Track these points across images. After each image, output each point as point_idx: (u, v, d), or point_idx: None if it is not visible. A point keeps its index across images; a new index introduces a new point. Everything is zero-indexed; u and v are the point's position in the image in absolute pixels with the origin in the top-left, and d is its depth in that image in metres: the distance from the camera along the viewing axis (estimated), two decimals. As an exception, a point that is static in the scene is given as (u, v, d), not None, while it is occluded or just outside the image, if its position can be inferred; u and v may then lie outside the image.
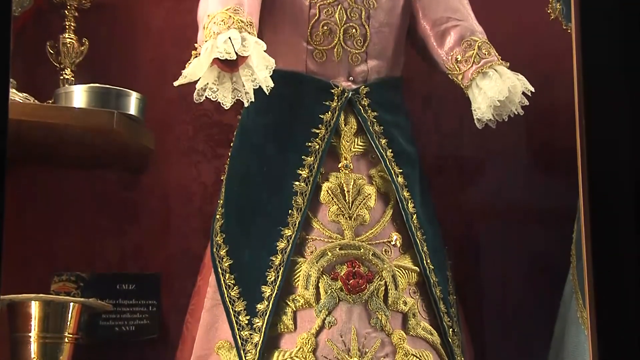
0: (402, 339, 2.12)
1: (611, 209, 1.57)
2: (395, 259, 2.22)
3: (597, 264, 1.57)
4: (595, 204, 1.57)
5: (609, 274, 1.57)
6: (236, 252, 2.24)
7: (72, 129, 2.33)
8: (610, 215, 1.57)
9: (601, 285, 1.57)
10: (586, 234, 1.57)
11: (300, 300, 2.15)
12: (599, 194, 1.57)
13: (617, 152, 1.57)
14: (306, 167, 2.24)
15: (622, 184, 1.57)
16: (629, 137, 1.56)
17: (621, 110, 1.56)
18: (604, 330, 1.56)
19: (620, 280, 1.56)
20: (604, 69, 1.56)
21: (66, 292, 2.50)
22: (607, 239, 1.57)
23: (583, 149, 1.58)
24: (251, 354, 2.09)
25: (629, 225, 1.56)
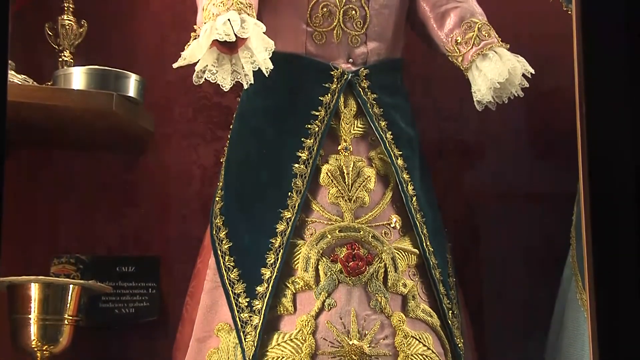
0: (401, 321, 2.12)
1: (611, 191, 1.57)
2: (395, 241, 2.22)
3: (597, 247, 1.57)
4: (595, 187, 1.58)
5: (609, 256, 1.57)
6: (236, 235, 2.24)
7: (71, 111, 2.33)
8: (610, 198, 1.57)
9: (600, 267, 1.57)
10: (586, 216, 1.58)
11: (299, 282, 2.15)
12: (599, 177, 1.57)
13: (617, 135, 1.57)
14: (306, 149, 2.24)
15: (622, 167, 1.57)
16: (628, 120, 1.56)
17: (621, 93, 1.56)
18: (603, 312, 1.56)
19: (620, 262, 1.56)
20: (605, 51, 1.56)
21: (66, 274, 2.51)
22: (607, 221, 1.57)
23: (583, 132, 1.58)
24: (251, 336, 2.09)
25: (629, 208, 1.56)
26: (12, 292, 2.22)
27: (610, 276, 1.57)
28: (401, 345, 2.10)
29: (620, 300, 1.56)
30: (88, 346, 2.47)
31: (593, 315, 1.56)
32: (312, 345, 2.07)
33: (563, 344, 2.39)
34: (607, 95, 1.56)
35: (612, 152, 1.57)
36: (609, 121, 1.57)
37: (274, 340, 2.10)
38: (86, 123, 2.43)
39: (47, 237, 2.62)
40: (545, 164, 2.82)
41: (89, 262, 2.56)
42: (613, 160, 1.57)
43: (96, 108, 2.33)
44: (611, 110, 1.57)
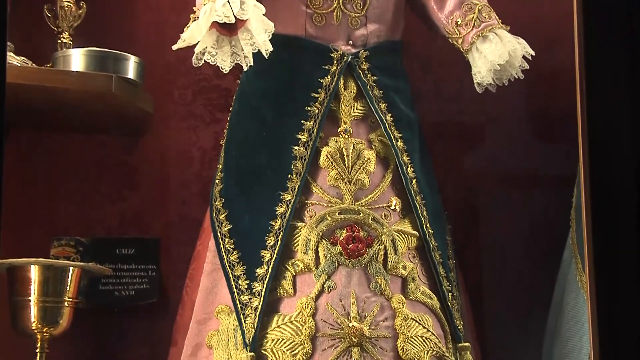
0: (401, 303, 2.12)
1: (611, 173, 1.57)
2: (395, 224, 2.22)
3: (597, 229, 1.57)
4: (595, 169, 1.57)
5: (609, 238, 1.57)
6: (235, 217, 2.23)
7: (71, 92, 2.33)
8: (610, 180, 1.57)
9: (600, 249, 1.57)
10: (586, 198, 1.57)
11: (299, 264, 2.15)
12: (599, 159, 1.57)
13: (617, 117, 1.56)
14: (305, 131, 2.24)
15: (622, 148, 1.57)
16: (629, 102, 1.56)
17: (622, 75, 1.55)
18: (603, 294, 1.56)
19: (620, 244, 1.56)
20: (605, 33, 1.56)
21: (66, 256, 2.51)
22: (607, 203, 1.57)
23: (583, 114, 1.57)
24: (250, 318, 2.09)
25: (629, 189, 1.56)
26: (12, 274, 2.22)
27: (610, 258, 1.57)
28: (401, 327, 2.10)
29: (619, 283, 1.57)
30: (88, 328, 2.48)
31: (593, 297, 1.56)
32: (312, 327, 2.07)
33: (562, 326, 2.39)
34: (607, 77, 1.56)
35: (612, 134, 1.57)
36: (609, 103, 1.57)
37: (274, 322, 2.11)
38: (85, 105, 2.43)
39: (47, 219, 2.62)
40: (545, 146, 2.82)
41: (88, 245, 2.56)
42: (613, 143, 1.57)
43: (95, 90, 2.33)
44: (611, 93, 1.56)
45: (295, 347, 2.06)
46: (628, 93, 1.55)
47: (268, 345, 2.08)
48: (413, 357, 2.08)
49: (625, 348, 1.56)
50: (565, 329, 2.38)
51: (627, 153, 1.56)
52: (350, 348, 2.06)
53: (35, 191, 2.64)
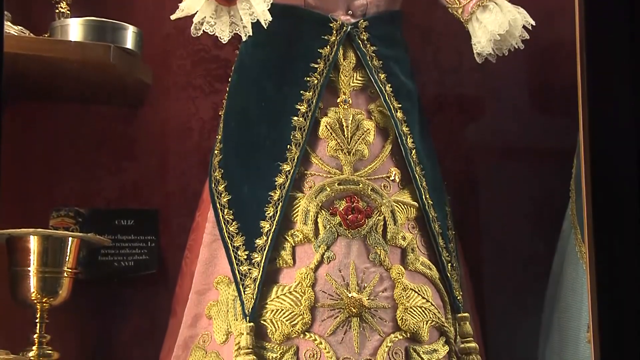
0: (400, 274, 2.13)
1: (611, 144, 1.57)
2: (394, 194, 2.22)
3: (596, 199, 1.57)
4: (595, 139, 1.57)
5: (608, 209, 1.57)
6: (235, 188, 2.23)
7: (68, 62, 2.32)
8: (609, 151, 1.57)
9: (600, 219, 1.57)
10: (586, 169, 1.57)
11: (299, 235, 2.15)
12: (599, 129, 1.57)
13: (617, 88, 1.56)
14: (305, 102, 2.23)
15: (622, 119, 1.56)
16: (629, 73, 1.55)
17: (622, 45, 1.55)
18: (602, 265, 1.56)
19: (619, 214, 1.56)
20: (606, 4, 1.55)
21: (65, 227, 2.51)
22: (607, 174, 1.57)
23: (584, 84, 1.57)
24: (250, 288, 2.09)
25: (629, 160, 1.56)
26: (11, 244, 2.22)
27: (609, 229, 1.57)
28: (400, 297, 2.10)
29: (619, 253, 1.57)
30: (88, 299, 2.48)
31: (592, 268, 1.57)
32: (311, 298, 2.07)
33: (562, 296, 2.40)
34: (608, 48, 1.56)
35: (612, 105, 1.57)
36: (609, 74, 1.56)
37: (273, 292, 2.11)
38: (83, 75, 2.42)
39: (46, 190, 2.61)
40: (545, 117, 2.82)
41: (87, 216, 2.56)
42: (613, 114, 1.57)
43: (93, 60, 2.32)
44: (612, 63, 1.56)
45: (294, 317, 2.06)
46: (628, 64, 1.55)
47: (267, 316, 2.08)
48: (412, 327, 2.09)
49: (624, 318, 1.56)
50: (564, 299, 2.38)
51: (627, 124, 1.56)
52: (350, 318, 2.07)
53: (33, 162, 2.63)
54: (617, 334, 1.56)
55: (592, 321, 1.57)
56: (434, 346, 2.14)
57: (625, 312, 1.56)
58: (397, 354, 2.08)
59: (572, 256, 2.38)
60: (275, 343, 2.06)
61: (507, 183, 2.78)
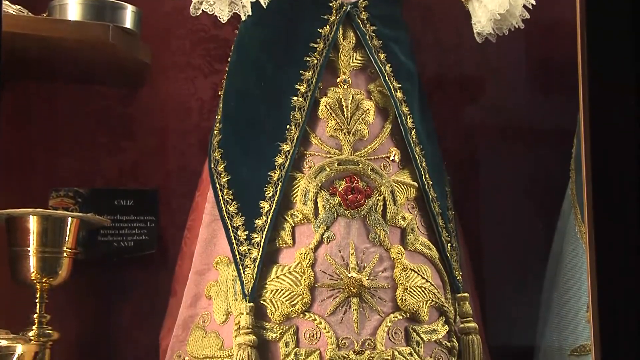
0: (400, 254, 2.13)
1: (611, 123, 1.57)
2: (394, 174, 2.22)
3: (596, 178, 1.56)
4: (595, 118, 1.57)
5: (608, 188, 1.57)
6: (234, 168, 2.23)
7: (67, 42, 2.31)
8: (610, 130, 1.57)
9: (600, 199, 1.57)
10: (586, 148, 1.57)
11: (298, 215, 2.15)
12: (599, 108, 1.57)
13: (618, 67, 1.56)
14: (304, 82, 2.22)
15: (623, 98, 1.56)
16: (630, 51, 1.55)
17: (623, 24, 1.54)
18: (602, 244, 1.56)
19: (619, 194, 1.56)
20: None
21: (64, 207, 2.51)
22: (607, 153, 1.57)
23: (584, 64, 1.56)
24: (250, 268, 2.09)
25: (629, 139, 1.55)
26: (11, 224, 2.22)
27: (609, 208, 1.57)
28: (400, 277, 2.10)
29: (618, 233, 1.57)
30: (87, 279, 2.48)
31: (592, 248, 1.57)
32: (311, 278, 2.07)
33: (561, 276, 2.40)
34: (608, 27, 1.55)
35: (613, 84, 1.56)
36: (609, 53, 1.56)
37: (273, 273, 2.11)
38: (82, 55, 2.41)
39: (45, 170, 2.61)
40: (545, 96, 2.81)
41: (87, 196, 2.56)
42: (614, 93, 1.57)
43: (92, 39, 2.31)
44: (613, 42, 1.55)
45: (294, 297, 2.06)
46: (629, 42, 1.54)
47: (267, 296, 2.08)
48: (412, 307, 2.09)
49: (623, 298, 1.57)
50: (564, 279, 2.39)
51: (627, 103, 1.56)
52: (349, 298, 2.07)
53: (33, 142, 2.63)
54: (617, 314, 1.56)
55: (592, 301, 1.57)
56: (433, 326, 2.14)
57: (624, 293, 1.57)
58: (396, 334, 2.08)
59: (572, 236, 2.38)
60: (275, 323, 2.06)
61: (507, 163, 2.79)
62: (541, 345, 2.48)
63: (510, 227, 2.74)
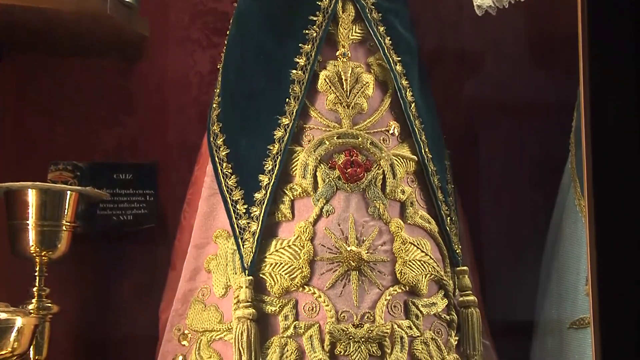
0: (399, 227, 2.13)
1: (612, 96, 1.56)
2: (394, 148, 2.22)
3: (596, 151, 1.56)
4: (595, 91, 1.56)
5: (608, 161, 1.56)
6: (233, 141, 2.23)
7: (65, 14, 2.31)
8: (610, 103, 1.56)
9: (600, 172, 1.56)
10: (586, 121, 1.57)
11: (298, 189, 2.14)
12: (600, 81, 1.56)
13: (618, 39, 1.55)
14: (303, 55, 2.22)
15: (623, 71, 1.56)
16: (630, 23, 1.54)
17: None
18: (601, 218, 1.56)
19: (620, 166, 1.56)
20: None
21: (63, 181, 2.50)
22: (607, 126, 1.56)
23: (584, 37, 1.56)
24: (249, 242, 2.09)
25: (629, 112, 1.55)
26: (10, 198, 2.22)
27: (609, 182, 1.57)
28: (399, 251, 2.10)
29: (618, 206, 1.57)
30: (87, 253, 2.49)
31: (591, 221, 1.57)
32: (310, 252, 2.07)
33: (561, 250, 2.41)
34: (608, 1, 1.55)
35: (613, 57, 1.56)
36: (610, 26, 1.55)
37: (272, 246, 2.11)
38: (80, 27, 2.41)
39: (44, 144, 2.61)
40: (545, 70, 2.80)
41: (86, 169, 2.55)
42: (614, 66, 1.56)
43: (90, 11, 2.31)
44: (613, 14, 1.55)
45: (293, 271, 2.07)
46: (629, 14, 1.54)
47: (266, 269, 2.08)
48: (411, 280, 2.09)
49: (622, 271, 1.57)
50: (563, 252, 2.39)
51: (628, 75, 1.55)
52: (349, 272, 2.07)
53: (31, 116, 2.63)
54: (616, 286, 1.57)
55: (591, 274, 1.58)
56: (432, 299, 2.14)
57: (624, 265, 1.57)
58: (396, 307, 2.08)
59: (572, 210, 2.38)
60: (274, 296, 2.06)
61: (506, 136, 2.78)
62: (540, 319, 2.49)
63: (510, 200, 2.74)
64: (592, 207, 1.57)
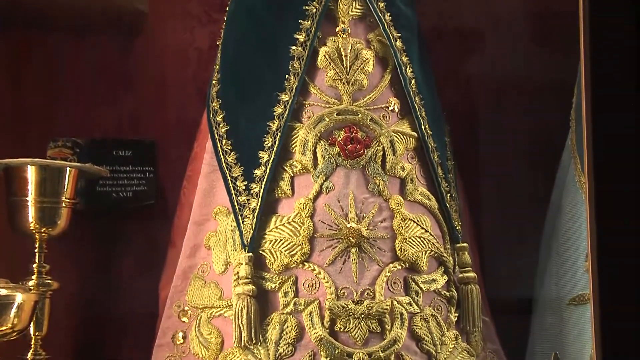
0: (399, 204, 2.13)
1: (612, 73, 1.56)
2: (393, 124, 2.21)
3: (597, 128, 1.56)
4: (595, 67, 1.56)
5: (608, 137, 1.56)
6: (233, 118, 2.22)
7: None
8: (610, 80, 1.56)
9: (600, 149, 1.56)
10: (586, 97, 1.57)
11: (297, 165, 2.14)
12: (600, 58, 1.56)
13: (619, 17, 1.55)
14: (303, 31, 2.21)
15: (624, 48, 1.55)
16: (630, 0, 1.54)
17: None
18: (601, 194, 1.56)
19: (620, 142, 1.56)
20: None
21: (62, 157, 2.50)
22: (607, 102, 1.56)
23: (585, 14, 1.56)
24: (249, 219, 2.10)
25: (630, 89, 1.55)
26: (9, 174, 2.22)
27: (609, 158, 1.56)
28: (399, 227, 2.10)
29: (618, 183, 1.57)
30: (86, 230, 2.48)
31: (591, 197, 1.57)
32: (310, 228, 2.07)
33: (560, 227, 2.41)
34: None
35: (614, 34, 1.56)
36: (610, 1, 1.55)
37: (272, 223, 2.11)
38: (78, 2, 2.39)
39: (43, 120, 2.60)
40: (546, 47, 2.80)
41: (85, 146, 2.55)
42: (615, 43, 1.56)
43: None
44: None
45: (293, 247, 2.07)
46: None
47: (266, 246, 2.08)
48: (411, 257, 2.10)
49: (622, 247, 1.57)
50: (563, 229, 2.39)
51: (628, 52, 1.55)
52: (349, 249, 2.07)
53: (30, 93, 2.61)
54: (615, 263, 1.57)
55: (591, 251, 1.58)
56: (432, 276, 2.15)
57: (623, 242, 1.57)
58: (395, 284, 2.09)
59: (572, 186, 2.38)
60: (274, 273, 2.07)
61: (506, 112, 2.78)
62: (540, 295, 2.49)
63: (510, 177, 2.73)
64: (592, 184, 1.57)
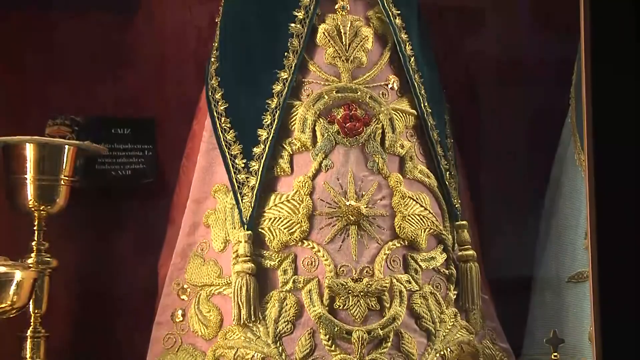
0: (398, 182, 2.13)
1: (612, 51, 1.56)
2: (393, 102, 2.21)
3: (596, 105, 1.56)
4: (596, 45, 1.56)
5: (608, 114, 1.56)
6: (231, 96, 2.22)
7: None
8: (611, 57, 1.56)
9: (600, 126, 1.56)
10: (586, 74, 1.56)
11: (296, 143, 2.14)
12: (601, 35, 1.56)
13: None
14: (302, 8, 2.20)
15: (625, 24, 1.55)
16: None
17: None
18: (601, 172, 1.56)
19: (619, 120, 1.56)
20: None
21: (61, 135, 2.49)
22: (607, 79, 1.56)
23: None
24: (248, 197, 2.10)
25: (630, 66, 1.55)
26: (8, 152, 2.22)
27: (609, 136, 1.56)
28: (398, 205, 2.10)
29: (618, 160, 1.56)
30: (86, 207, 2.48)
31: (591, 175, 1.57)
32: (309, 206, 2.08)
33: (560, 205, 2.41)
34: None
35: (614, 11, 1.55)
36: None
37: (271, 201, 2.11)
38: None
39: (42, 98, 2.59)
40: (546, 25, 2.79)
41: (84, 124, 2.54)
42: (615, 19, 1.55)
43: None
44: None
45: (292, 225, 2.07)
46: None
47: (265, 224, 2.09)
48: (410, 235, 2.10)
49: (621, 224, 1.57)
50: (562, 206, 2.39)
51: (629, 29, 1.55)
52: (348, 226, 2.08)
53: (29, 71, 2.61)
54: (614, 240, 1.57)
55: (590, 228, 1.58)
56: (432, 254, 2.15)
57: (622, 219, 1.57)
58: (395, 262, 2.09)
59: (571, 164, 2.38)
60: (274, 251, 2.07)
61: (506, 90, 2.77)
62: (539, 273, 2.49)
63: (509, 156, 2.73)
64: (591, 162, 1.57)
